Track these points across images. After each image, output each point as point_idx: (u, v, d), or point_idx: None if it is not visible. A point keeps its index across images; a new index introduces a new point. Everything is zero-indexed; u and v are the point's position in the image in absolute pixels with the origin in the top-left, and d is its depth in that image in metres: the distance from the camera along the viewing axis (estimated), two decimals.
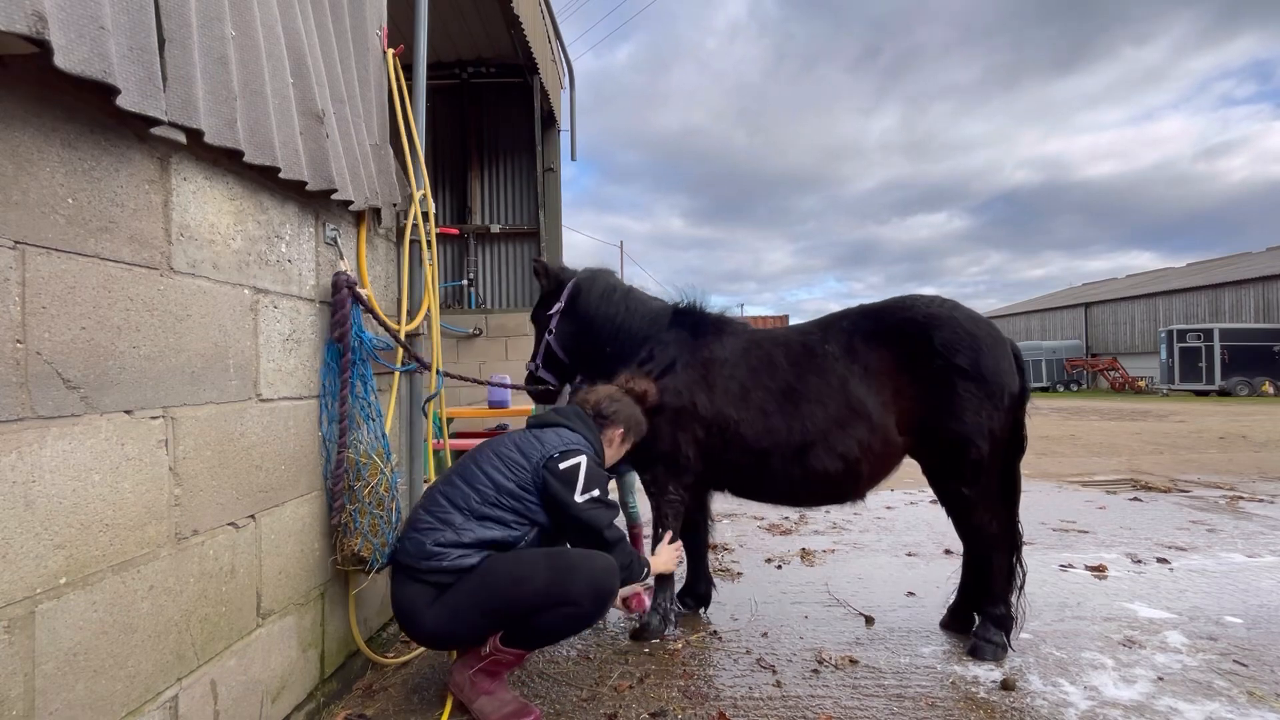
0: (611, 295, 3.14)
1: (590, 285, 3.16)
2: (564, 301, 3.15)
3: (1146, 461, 8.24)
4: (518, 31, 6.22)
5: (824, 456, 2.75)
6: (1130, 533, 4.71)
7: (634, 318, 3.08)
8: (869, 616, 3.20)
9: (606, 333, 3.07)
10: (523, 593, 2.17)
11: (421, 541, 2.22)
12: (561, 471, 2.28)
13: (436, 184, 8.25)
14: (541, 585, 2.17)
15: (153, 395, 1.61)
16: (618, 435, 2.64)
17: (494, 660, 2.28)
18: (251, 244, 2.00)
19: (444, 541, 2.20)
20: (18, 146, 1.29)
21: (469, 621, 2.20)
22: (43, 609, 1.33)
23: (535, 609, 2.18)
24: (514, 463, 2.32)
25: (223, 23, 1.75)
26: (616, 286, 3.21)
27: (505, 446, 2.41)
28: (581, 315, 3.12)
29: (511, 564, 2.22)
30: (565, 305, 3.15)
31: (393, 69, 2.93)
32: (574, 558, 2.26)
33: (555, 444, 2.38)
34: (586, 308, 3.11)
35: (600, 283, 3.18)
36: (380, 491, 2.38)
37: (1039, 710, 2.32)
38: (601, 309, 3.09)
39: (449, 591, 2.19)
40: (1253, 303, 29.59)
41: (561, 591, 2.18)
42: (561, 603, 2.18)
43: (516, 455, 2.35)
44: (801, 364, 2.85)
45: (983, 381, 2.65)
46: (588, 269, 3.30)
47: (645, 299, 3.23)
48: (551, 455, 2.32)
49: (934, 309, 2.79)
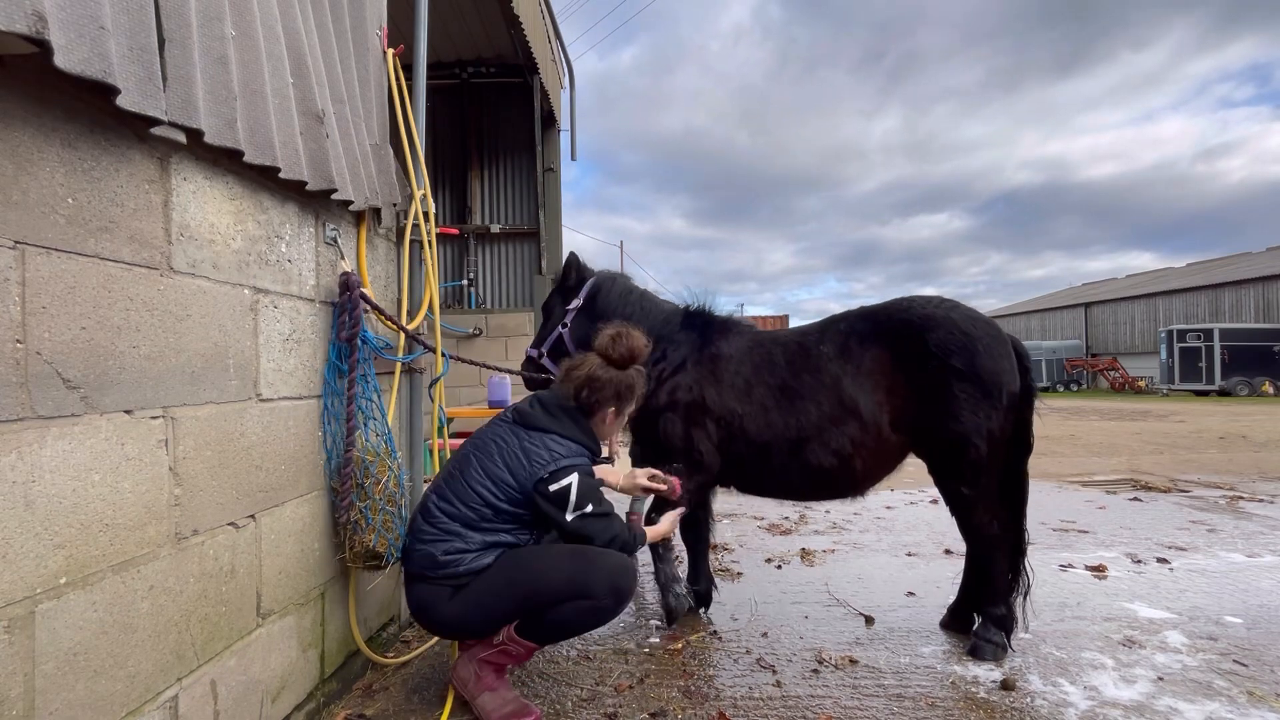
0: (629, 296, 3.28)
1: (610, 285, 3.28)
2: (582, 299, 3.23)
3: (1146, 461, 8.24)
4: (518, 31, 6.22)
5: (819, 451, 2.82)
6: (1130, 533, 4.71)
7: (648, 318, 3.17)
8: (869, 616, 3.20)
9: None
10: (548, 582, 2.19)
11: (431, 553, 2.22)
12: (552, 494, 2.24)
13: (436, 184, 8.25)
14: (564, 576, 2.20)
15: (153, 395, 1.61)
16: (609, 415, 2.55)
17: (503, 651, 2.29)
18: (251, 244, 2.00)
19: (454, 550, 2.21)
20: (18, 146, 1.29)
21: (490, 609, 2.21)
22: (43, 609, 1.33)
23: (558, 599, 2.19)
24: (504, 483, 2.27)
25: (223, 23, 1.75)
26: (633, 289, 3.35)
27: (493, 462, 2.31)
28: (599, 313, 3.17)
29: (534, 555, 2.26)
30: (584, 302, 3.23)
31: (393, 69, 2.93)
32: (594, 553, 2.27)
33: (544, 462, 2.28)
34: (605, 306, 3.19)
35: (620, 284, 3.32)
36: (390, 488, 2.41)
37: (1039, 710, 2.32)
38: (619, 309, 3.18)
39: (467, 589, 2.21)
40: (1253, 303, 29.60)
41: (584, 583, 2.20)
42: (583, 595, 2.20)
43: (505, 475, 2.28)
44: (797, 362, 2.93)
45: (979, 381, 2.65)
46: (607, 270, 3.42)
47: (658, 301, 3.37)
48: (540, 478, 2.26)
49: (930, 310, 2.80)
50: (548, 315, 3.40)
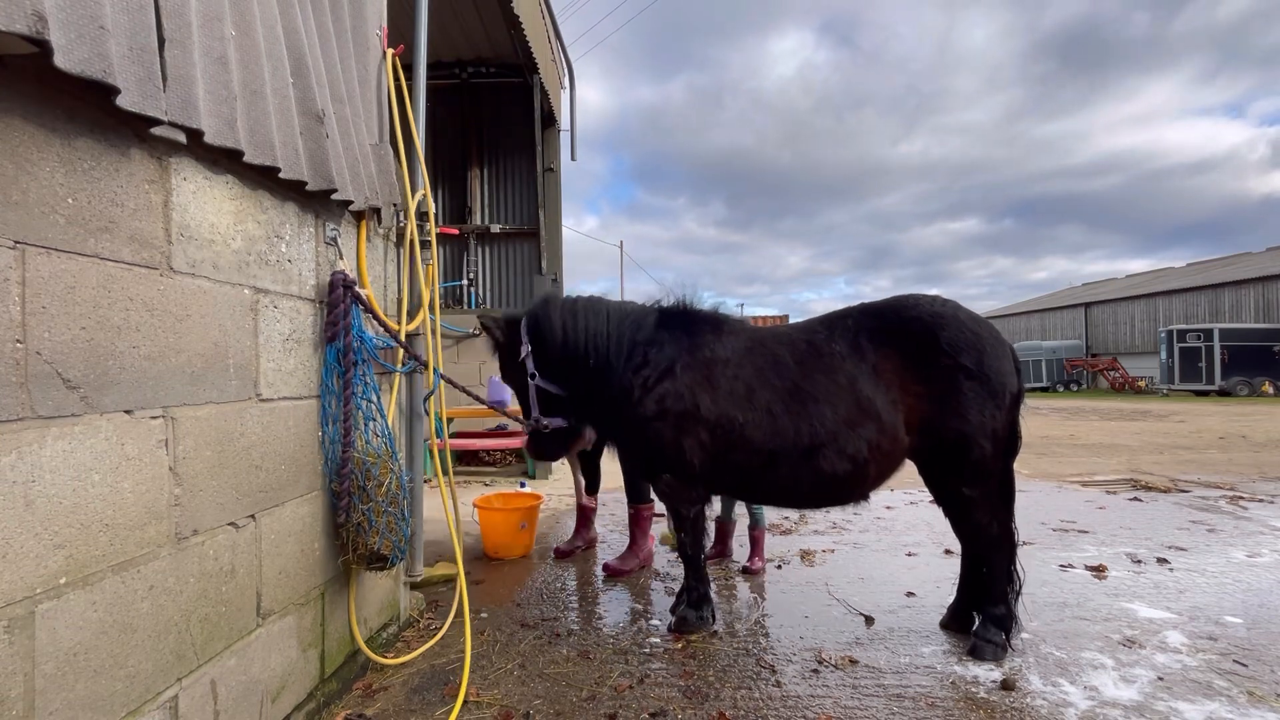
0: (573, 311, 3.02)
1: (545, 311, 3.04)
2: (528, 341, 3.02)
3: (1146, 461, 8.24)
4: (518, 31, 6.23)
5: (833, 458, 2.69)
6: (1130, 533, 4.71)
7: (610, 323, 2.97)
8: (869, 616, 3.20)
9: (583, 345, 2.94)
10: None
11: None
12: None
13: (436, 184, 8.25)
14: None
15: (153, 395, 1.61)
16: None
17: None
18: (251, 244, 2.00)
19: None
20: (18, 146, 1.29)
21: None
22: (43, 609, 1.33)
23: None
24: None
25: (223, 23, 1.75)
26: (575, 301, 3.09)
27: None
28: (551, 342, 2.98)
29: None
30: (532, 345, 3.02)
31: (392, 69, 2.93)
32: None
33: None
34: (553, 333, 2.98)
35: (555, 304, 3.07)
36: (393, 489, 2.40)
37: (1039, 710, 2.32)
38: (570, 327, 2.96)
39: None
40: (1253, 303, 29.59)
41: None
42: None
43: None
44: (808, 363, 2.78)
45: (986, 381, 2.64)
46: (537, 299, 3.18)
47: (616, 304, 3.12)
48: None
49: (938, 308, 2.78)
50: (514, 383, 3.19)
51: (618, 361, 2.89)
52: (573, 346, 2.96)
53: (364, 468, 2.38)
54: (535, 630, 3.08)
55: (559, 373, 3.03)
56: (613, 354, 2.91)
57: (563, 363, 3.00)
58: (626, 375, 2.87)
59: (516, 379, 3.17)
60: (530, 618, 3.23)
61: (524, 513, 4.28)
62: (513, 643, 2.94)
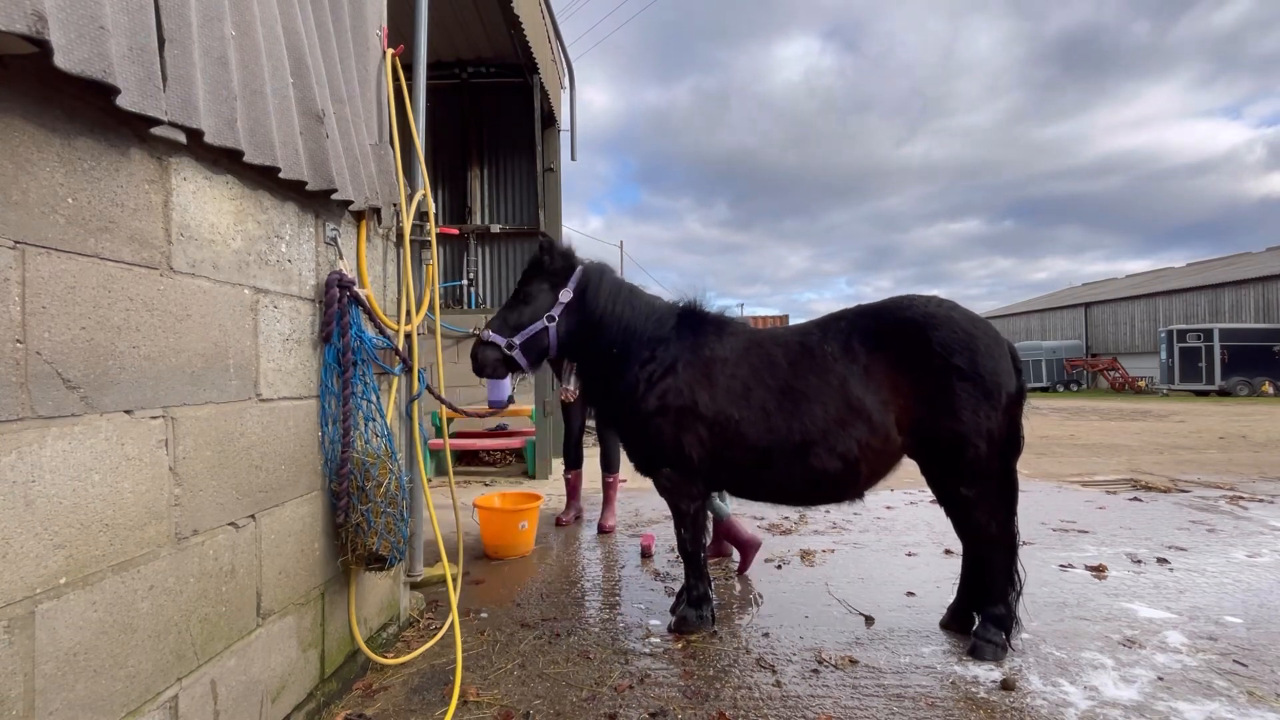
0: (619, 292, 3.04)
1: (599, 280, 3.03)
2: (572, 294, 2.99)
3: (1146, 461, 8.24)
4: (518, 31, 6.22)
5: (825, 456, 2.74)
6: (1130, 533, 4.71)
7: (640, 317, 3.00)
8: (869, 616, 3.20)
9: (615, 332, 2.96)
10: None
11: None
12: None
13: (436, 184, 8.25)
14: None
15: (153, 395, 1.61)
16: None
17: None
18: (251, 244, 2.00)
19: None
20: (18, 146, 1.29)
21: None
22: (43, 609, 1.33)
23: None
24: None
25: (223, 23, 1.75)
26: (622, 284, 3.11)
27: None
28: (590, 311, 2.97)
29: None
30: (574, 300, 2.99)
31: (392, 69, 2.93)
32: None
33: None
34: (596, 305, 2.97)
35: (609, 278, 3.07)
36: (392, 490, 2.40)
37: (1039, 710, 2.32)
38: (611, 307, 2.97)
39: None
40: (1253, 303, 29.60)
41: None
42: None
43: None
44: (800, 363, 2.84)
45: (980, 381, 2.65)
46: (593, 261, 3.13)
47: (648, 297, 3.14)
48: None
49: (932, 309, 2.79)
50: (526, 299, 3.03)
51: (636, 356, 2.93)
52: (606, 328, 2.97)
53: (363, 468, 2.38)
54: (535, 630, 3.08)
55: (578, 339, 3.01)
56: (634, 349, 2.94)
57: (588, 335, 2.99)
58: (634, 370, 2.91)
59: (534, 303, 3.02)
60: (530, 618, 3.23)
61: (524, 513, 4.29)
62: (513, 643, 2.94)
